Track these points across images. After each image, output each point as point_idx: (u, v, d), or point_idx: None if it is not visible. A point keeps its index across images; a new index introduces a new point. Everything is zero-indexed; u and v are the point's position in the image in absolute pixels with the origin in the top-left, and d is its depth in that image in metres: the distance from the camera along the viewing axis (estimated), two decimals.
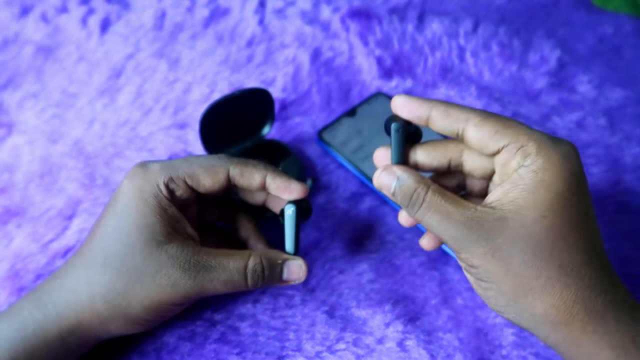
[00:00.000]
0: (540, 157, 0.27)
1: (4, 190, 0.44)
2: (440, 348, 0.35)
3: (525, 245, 0.27)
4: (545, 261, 0.27)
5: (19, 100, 0.51)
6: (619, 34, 0.56)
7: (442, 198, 0.29)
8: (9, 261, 0.40)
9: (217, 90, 0.50)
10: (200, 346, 0.36)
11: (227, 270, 0.32)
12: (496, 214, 0.27)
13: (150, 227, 0.31)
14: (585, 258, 0.27)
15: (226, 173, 0.33)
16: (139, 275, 0.30)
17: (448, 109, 0.30)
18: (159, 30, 0.56)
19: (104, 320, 0.31)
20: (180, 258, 0.31)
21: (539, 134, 0.28)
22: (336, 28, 0.55)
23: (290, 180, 0.34)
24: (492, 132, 0.28)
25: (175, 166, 0.33)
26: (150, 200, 0.31)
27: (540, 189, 0.27)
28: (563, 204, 0.27)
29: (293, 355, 0.35)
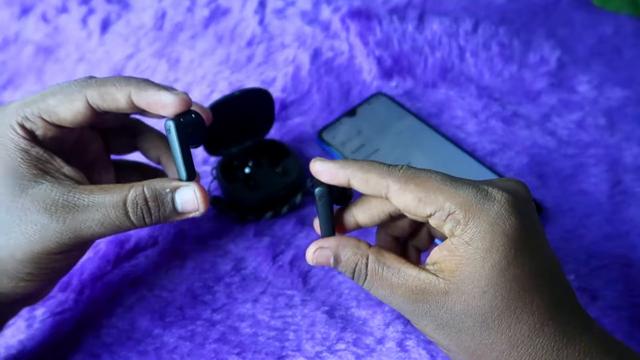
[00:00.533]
0: (470, 226, 0.25)
1: None
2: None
3: (472, 321, 0.26)
4: (494, 336, 0.26)
5: None
6: (619, 34, 0.56)
7: (382, 268, 0.28)
8: None
9: (217, 90, 0.51)
10: (200, 346, 0.36)
11: (102, 206, 0.28)
12: (439, 285, 0.26)
13: (11, 172, 0.28)
14: (533, 326, 0.25)
15: (84, 100, 0.29)
16: (4, 226, 0.27)
17: (366, 175, 0.28)
18: (159, 30, 0.56)
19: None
20: (46, 200, 0.27)
21: (464, 194, 0.26)
22: (336, 28, 0.55)
23: (161, 90, 0.29)
24: (415, 200, 0.27)
25: (28, 103, 0.29)
26: (7, 144, 0.28)
27: (476, 261, 0.25)
28: (501, 275, 0.25)
29: (293, 355, 0.35)
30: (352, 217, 0.31)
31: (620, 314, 0.37)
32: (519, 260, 0.25)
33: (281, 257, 0.40)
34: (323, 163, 0.29)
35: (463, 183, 0.27)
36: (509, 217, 0.25)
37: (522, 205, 0.26)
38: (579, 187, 0.44)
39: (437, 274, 0.27)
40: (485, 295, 0.25)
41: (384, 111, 0.48)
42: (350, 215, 0.31)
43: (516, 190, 0.27)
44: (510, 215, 0.25)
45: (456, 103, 0.50)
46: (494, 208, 0.25)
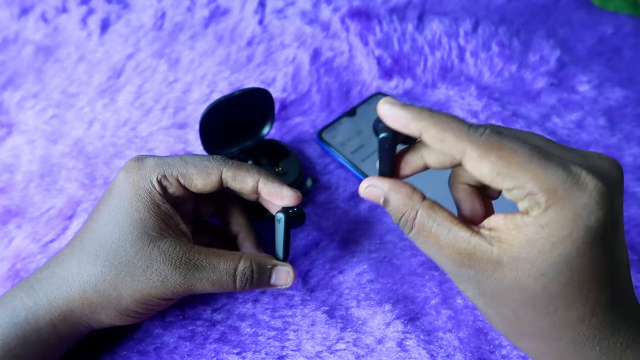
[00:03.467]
0: (550, 212, 0.23)
1: (4, 190, 0.44)
2: (440, 348, 0.35)
3: (519, 298, 0.25)
4: (538, 315, 0.25)
5: (19, 100, 0.51)
6: (619, 34, 0.56)
7: (432, 223, 0.26)
8: (9, 261, 0.40)
9: (217, 90, 0.50)
10: (201, 346, 0.36)
11: (217, 270, 0.32)
12: (491, 255, 0.25)
13: (143, 222, 0.31)
14: (582, 315, 0.25)
15: (219, 175, 0.33)
16: (130, 269, 0.31)
17: (441, 134, 0.25)
18: (159, 30, 0.56)
19: (94, 309, 0.31)
20: (172, 255, 0.31)
21: (552, 177, 0.23)
22: (336, 28, 0.55)
23: (283, 187, 0.33)
24: (492, 173, 0.25)
25: (169, 164, 0.33)
26: (143, 196, 0.32)
27: (545, 245, 0.24)
28: (566, 265, 0.24)
29: (293, 355, 0.35)
30: (420, 158, 0.29)
31: None
32: (590, 254, 0.24)
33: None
34: (393, 108, 0.26)
35: (554, 163, 0.24)
36: (596, 210, 0.23)
37: (613, 195, 0.24)
38: None
39: (492, 243, 0.25)
40: (541, 277, 0.24)
41: None
42: (419, 156, 0.29)
43: (609, 173, 0.25)
44: (598, 208, 0.23)
45: (456, 103, 0.50)
46: (582, 198, 0.23)
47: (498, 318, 0.27)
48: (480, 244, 0.25)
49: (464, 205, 0.30)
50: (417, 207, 0.27)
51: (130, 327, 0.36)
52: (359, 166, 0.44)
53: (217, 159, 0.34)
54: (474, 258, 0.25)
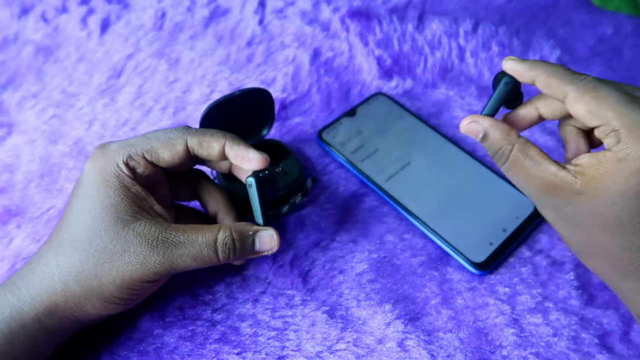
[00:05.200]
0: (628, 146, 0.27)
1: (4, 190, 0.44)
2: (440, 348, 0.35)
3: (593, 221, 0.28)
4: (608, 238, 0.28)
5: (19, 100, 0.51)
6: (619, 34, 0.56)
7: (525, 157, 0.30)
8: (9, 261, 0.40)
9: (217, 90, 0.51)
10: (201, 346, 0.36)
11: (196, 244, 0.32)
12: (575, 186, 0.28)
13: (114, 207, 0.31)
14: None
15: (184, 144, 0.33)
16: (108, 255, 0.31)
17: (549, 79, 0.30)
18: (159, 30, 0.56)
19: (79, 301, 0.31)
20: (147, 235, 0.31)
21: (634, 116, 0.27)
22: (336, 28, 0.55)
23: (249, 149, 0.34)
24: (585, 111, 0.28)
25: (132, 143, 0.33)
26: (112, 180, 0.32)
27: (620, 176, 0.27)
28: (636, 195, 0.27)
29: (293, 355, 0.35)
30: (535, 110, 0.33)
31: (619, 313, 0.37)
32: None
33: (281, 257, 0.40)
34: (514, 62, 0.32)
35: (638, 106, 0.27)
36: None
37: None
38: None
39: (576, 176, 0.28)
40: (614, 206, 0.27)
41: (383, 111, 0.48)
42: (533, 108, 0.33)
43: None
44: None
45: (456, 103, 0.50)
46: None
47: (573, 239, 0.31)
48: (566, 176, 0.29)
49: (569, 144, 0.34)
50: (513, 142, 0.31)
51: (130, 327, 0.36)
52: (359, 166, 0.44)
53: (180, 129, 0.34)
54: (559, 188, 0.29)
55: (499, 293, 0.38)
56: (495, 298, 0.38)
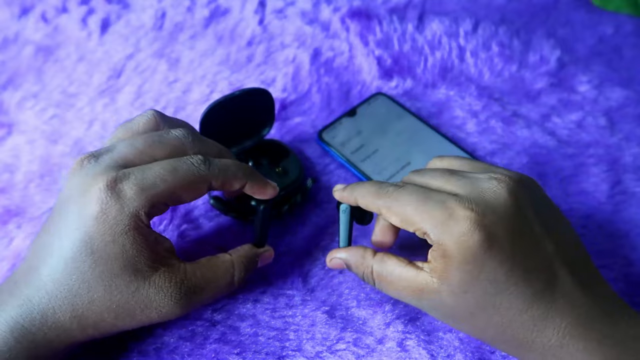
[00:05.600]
0: (442, 243, 0.29)
1: (4, 190, 0.44)
2: (440, 348, 0.35)
3: (463, 313, 0.30)
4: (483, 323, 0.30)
5: (19, 100, 0.51)
6: (619, 34, 0.56)
7: (385, 272, 0.32)
8: (9, 261, 0.40)
9: (217, 90, 0.50)
10: (201, 346, 0.36)
11: (217, 287, 0.33)
12: (433, 285, 0.30)
13: (133, 261, 0.29)
14: (512, 316, 0.29)
15: (207, 186, 0.32)
16: (128, 310, 0.30)
17: (365, 200, 0.32)
18: (159, 30, 0.56)
19: (94, 337, 0.32)
20: (169, 288, 0.30)
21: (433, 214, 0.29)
22: (336, 28, 0.55)
23: (267, 184, 0.35)
24: (399, 221, 0.31)
25: (154, 189, 0.30)
26: (130, 234, 0.29)
27: (452, 270, 0.29)
28: (476, 280, 0.28)
29: (293, 355, 0.35)
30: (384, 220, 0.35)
31: None
32: (492, 265, 0.28)
33: (281, 257, 0.40)
34: (339, 191, 0.35)
35: (433, 202, 0.29)
36: (473, 233, 0.28)
37: (493, 214, 0.28)
38: (579, 187, 0.44)
39: (432, 275, 0.30)
40: (466, 294, 0.29)
41: (383, 111, 0.48)
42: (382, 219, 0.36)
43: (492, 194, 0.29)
44: (474, 230, 0.28)
45: (456, 103, 0.50)
46: (457, 226, 0.28)
47: (469, 330, 0.31)
48: (425, 278, 0.30)
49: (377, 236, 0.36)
50: (370, 263, 0.33)
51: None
52: (359, 166, 0.44)
53: (203, 167, 0.31)
54: (424, 290, 0.30)
55: None
56: None
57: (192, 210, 0.42)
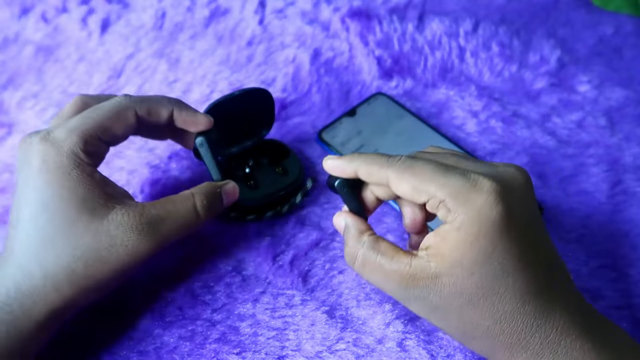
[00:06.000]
0: (459, 214, 0.27)
1: (4, 190, 0.44)
2: (440, 348, 0.35)
3: (460, 301, 0.28)
4: (479, 314, 0.28)
5: (19, 100, 0.51)
6: (619, 34, 0.56)
7: (377, 255, 0.29)
8: None
9: (217, 90, 0.51)
10: (200, 346, 0.36)
11: (179, 215, 0.32)
12: (430, 270, 0.28)
13: (85, 201, 0.29)
14: (515, 304, 0.27)
15: (135, 115, 0.32)
16: (94, 253, 0.30)
17: (369, 168, 0.30)
18: (159, 30, 0.56)
19: (76, 302, 0.31)
20: (129, 222, 0.30)
21: (453, 184, 0.27)
22: (336, 28, 0.55)
23: (197, 113, 0.35)
24: (410, 189, 0.28)
25: (82, 126, 0.30)
26: (73, 173, 0.30)
27: (465, 246, 0.27)
28: (487, 259, 0.27)
29: (293, 355, 0.35)
30: (370, 194, 0.33)
31: (620, 314, 0.37)
32: (505, 245, 0.27)
33: (281, 257, 0.40)
34: (333, 160, 0.31)
35: (454, 172, 0.28)
36: (496, 205, 0.26)
37: (512, 193, 0.27)
38: (579, 187, 0.44)
39: (429, 260, 0.28)
40: (472, 277, 0.27)
41: (383, 111, 0.48)
42: (369, 192, 0.32)
43: (510, 177, 0.28)
44: (497, 203, 0.26)
45: (456, 103, 0.50)
46: (481, 197, 0.26)
47: (450, 329, 0.29)
48: (419, 264, 0.28)
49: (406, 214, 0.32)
50: (364, 240, 0.30)
51: (130, 327, 0.36)
52: None
53: (123, 98, 0.33)
54: (417, 278, 0.28)
55: None
56: None
57: None
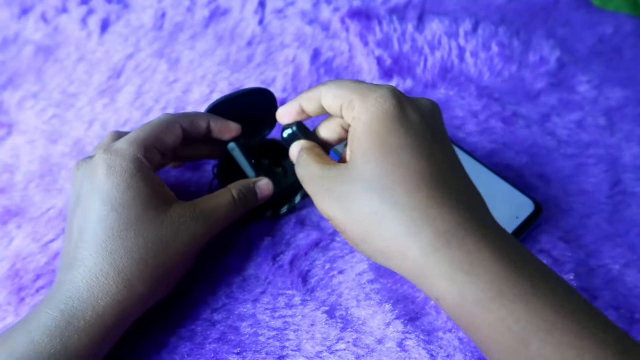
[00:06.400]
0: (359, 105, 0.30)
1: (4, 190, 0.44)
2: (440, 348, 0.35)
3: (361, 190, 0.28)
4: (377, 202, 0.28)
5: (19, 100, 0.51)
6: (619, 34, 0.56)
7: (311, 158, 0.33)
8: (9, 261, 0.40)
9: (217, 90, 0.51)
10: (200, 346, 0.36)
11: (223, 206, 0.36)
12: (343, 167, 0.30)
13: (150, 199, 0.33)
14: (406, 191, 0.27)
15: (180, 127, 0.37)
16: (162, 241, 0.33)
17: (309, 94, 0.34)
18: (159, 30, 0.56)
19: (144, 299, 0.33)
20: (187, 214, 0.34)
21: (364, 88, 0.30)
22: (336, 28, 0.55)
23: (228, 122, 0.39)
24: (332, 97, 0.32)
25: (140, 137, 0.35)
26: (138, 175, 0.33)
27: (363, 135, 0.29)
28: (381, 145, 0.28)
29: (293, 355, 0.35)
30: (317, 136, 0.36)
31: (620, 313, 0.37)
32: (397, 133, 0.28)
33: (281, 257, 0.40)
34: (282, 108, 0.35)
35: (367, 84, 0.31)
36: (390, 98, 0.29)
37: (411, 101, 0.30)
38: (579, 187, 0.44)
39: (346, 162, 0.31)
40: (370, 163, 0.28)
41: None
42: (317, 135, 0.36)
43: (416, 98, 0.31)
44: (392, 97, 0.29)
45: (456, 103, 0.50)
46: (379, 91, 0.30)
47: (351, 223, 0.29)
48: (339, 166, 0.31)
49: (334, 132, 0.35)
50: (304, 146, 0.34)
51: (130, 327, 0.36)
52: None
53: (168, 115, 0.37)
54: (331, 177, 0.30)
55: None
56: None
57: None
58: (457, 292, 0.26)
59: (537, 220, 0.41)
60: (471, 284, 0.25)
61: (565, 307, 0.25)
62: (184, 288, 0.38)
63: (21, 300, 0.38)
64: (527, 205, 0.42)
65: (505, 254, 0.26)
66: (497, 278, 0.25)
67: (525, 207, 0.42)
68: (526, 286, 0.25)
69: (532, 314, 0.24)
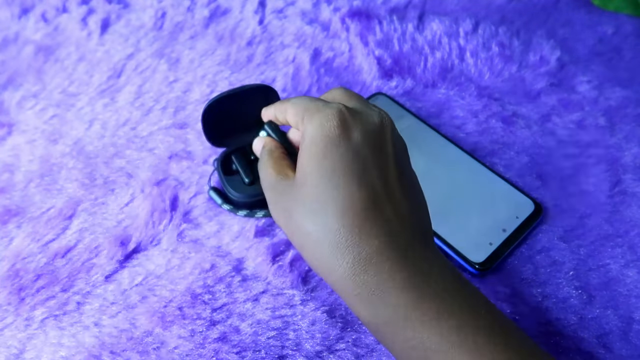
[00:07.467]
0: (307, 124, 0.30)
1: (4, 190, 0.44)
2: None
3: (299, 209, 0.30)
4: (311, 223, 0.29)
5: (19, 100, 0.51)
6: (619, 34, 0.56)
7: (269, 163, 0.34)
8: (9, 261, 0.40)
9: (217, 90, 0.51)
10: (200, 346, 0.36)
11: None
12: (290, 184, 0.31)
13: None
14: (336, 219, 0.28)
15: None
16: None
17: (280, 107, 0.35)
18: (159, 30, 0.56)
19: None
20: None
21: (314, 105, 0.31)
22: (336, 28, 0.55)
23: None
24: (292, 114, 0.33)
25: None
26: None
27: (304, 153, 0.30)
28: (318, 166, 0.29)
29: (293, 354, 0.35)
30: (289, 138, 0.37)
31: (619, 313, 0.37)
32: (333, 157, 0.29)
33: (281, 257, 0.40)
34: (265, 109, 0.37)
35: (323, 101, 0.32)
36: (333, 119, 0.30)
37: (355, 118, 0.30)
38: (579, 187, 0.44)
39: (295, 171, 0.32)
40: (305, 186, 0.30)
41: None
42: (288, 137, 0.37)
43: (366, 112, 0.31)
44: (334, 118, 0.30)
45: (456, 103, 0.50)
46: (324, 111, 0.30)
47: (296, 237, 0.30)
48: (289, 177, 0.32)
49: None
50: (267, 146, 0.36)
51: (130, 326, 0.36)
52: None
53: None
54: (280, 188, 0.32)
55: (499, 293, 0.38)
56: (495, 298, 0.38)
57: (192, 210, 0.42)
58: (371, 313, 0.28)
59: (537, 220, 0.41)
60: (383, 307, 0.28)
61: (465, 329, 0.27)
62: (184, 288, 0.38)
63: (21, 300, 0.38)
64: (527, 205, 0.42)
65: (418, 282, 0.28)
66: (404, 303, 0.28)
67: (525, 207, 0.42)
68: (431, 312, 0.27)
69: (435, 337, 0.27)
